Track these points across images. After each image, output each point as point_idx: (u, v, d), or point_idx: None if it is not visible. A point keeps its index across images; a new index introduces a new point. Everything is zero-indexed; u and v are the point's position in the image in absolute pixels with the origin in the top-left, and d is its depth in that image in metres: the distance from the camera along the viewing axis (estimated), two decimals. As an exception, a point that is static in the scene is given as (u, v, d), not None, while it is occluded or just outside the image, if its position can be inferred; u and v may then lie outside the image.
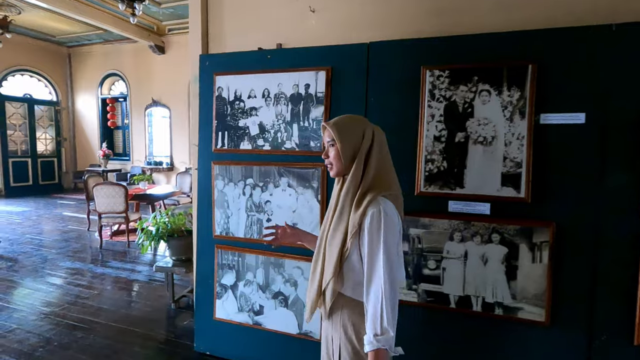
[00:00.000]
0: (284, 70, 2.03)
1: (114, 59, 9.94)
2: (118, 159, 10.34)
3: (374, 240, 0.98)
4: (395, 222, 1.03)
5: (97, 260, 4.31)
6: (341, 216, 1.06)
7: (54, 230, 5.75)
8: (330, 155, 1.10)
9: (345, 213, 1.05)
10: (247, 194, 2.15)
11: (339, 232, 1.05)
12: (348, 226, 1.04)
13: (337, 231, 1.06)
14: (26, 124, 9.65)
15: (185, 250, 3.04)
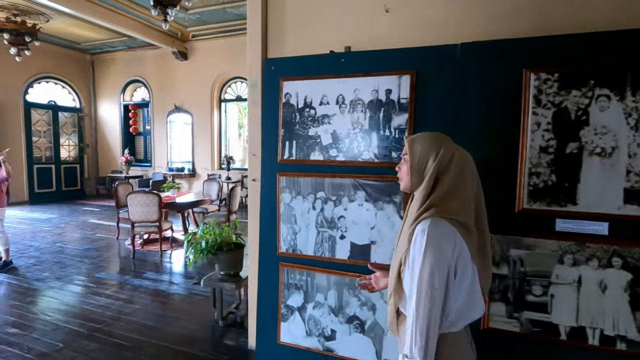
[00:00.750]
0: (362, 75, 1.87)
1: (136, 65, 9.97)
2: (139, 165, 10.34)
3: (414, 260, 0.97)
4: (443, 248, 0.96)
5: (132, 271, 4.20)
6: (404, 232, 1.07)
7: (83, 238, 5.68)
8: (402, 168, 1.11)
9: (406, 230, 1.05)
10: (318, 208, 1.99)
11: (400, 249, 1.06)
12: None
13: (400, 247, 1.07)
14: (50, 131, 9.72)
15: (234, 264, 2.89)
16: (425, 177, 1.02)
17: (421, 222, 0.98)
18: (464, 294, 1.01)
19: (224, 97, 9.41)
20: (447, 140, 1.08)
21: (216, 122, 9.38)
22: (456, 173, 1.03)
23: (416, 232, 0.98)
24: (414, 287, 0.96)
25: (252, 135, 2.43)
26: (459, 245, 0.99)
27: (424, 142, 1.06)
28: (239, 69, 8.81)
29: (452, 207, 1.00)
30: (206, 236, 2.86)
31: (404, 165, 1.09)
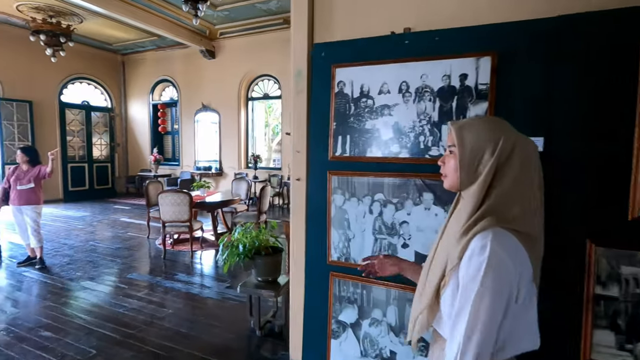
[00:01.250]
0: (431, 58, 1.61)
1: (165, 65, 10.04)
2: (167, 164, 10.42)
3: (469, 282, 0.79)
4: (508, 270, 0.77)
5: (163, 272, 4.09)
6: (447, 241, 0.90)
7: (115, 237, 5.68)
8: (447, 162, 0.91)
9: (452, 238, 0.87)
10: (376, 212, 1.74)
11: (441, 260, 0.89)
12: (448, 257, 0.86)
13: (439, 259, 0.90)
14: (83, 130, 9.94)
15: (272, 270, 2.69)
16: (481, 175, 0.83)
17: (480, 235, 0.80)
18: (519, 319, 0.83)
19: (251, 95, 9.31)
20: (506, 126, 0.87)
21: (243, 121, 9.30)
22: (519, 169, 0.83)
23: (472, 247, 0.80)
24: (465, 312, 0.79)
25: (296, 129, 2.21)
26: (524, 263, 0.81)
27: (478, 130, 0.85)
28: (267, 67, 8.68)
29: (514, 214, 0.82)
30: (243, 239, 2.67)
31: (451, 160, 0.89)
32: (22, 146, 4.19)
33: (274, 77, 8.77)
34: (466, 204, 0.85)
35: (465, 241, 0.81)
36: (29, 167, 4.18)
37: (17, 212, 4.19)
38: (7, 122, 8.27)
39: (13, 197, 4.11)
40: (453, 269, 0.84)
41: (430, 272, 0.94)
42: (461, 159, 0.85)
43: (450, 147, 0.90)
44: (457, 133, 0.87)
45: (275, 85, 8.89)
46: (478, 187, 0.83)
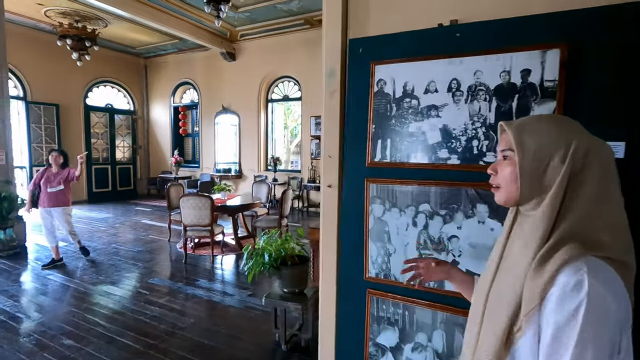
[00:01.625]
0: (487, 52, 1.43)
1: (186, 67, 10.11)
2: (188, 166, 10.48)
3: (562, 331, 0.60)
4: (613, 310, 0.59)
5: (184, 277, 4.01)
6: (512, 272, 0.69)
7: (137, 239, 5.67)
8: (500, 171, 0.74)
9: (520, 269, 0.67)
10: (420, 224, 1.56)
11: (508, 294, 0.68)
12: (522, 293, 0.65)
13: (505, 292, 0.69)
14: (107, 133, 10.11)
15: (299, 281, 2.54)
16: (551, 188, 0.67)
17: (570, 267, 0.61)
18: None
19: (270, 97, 9.24)
20: (577, 127, 0.71)
21: (263, 123, 9.24)
22: (600, 179, 0.66)
23: (562, 284, 0.61)
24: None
25: (328, 133, 2.05)
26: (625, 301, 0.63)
27: (543, 130, 0.69)
28: (287, 68, 8.60)
29: (603, 237, 0.65)
30: (268, 248, 2.54)
31: (506, 167, 0.72)
32: (56, 148, 4.24)
33: (294, 78, 8.68)
34: (533, 224, 0.68)
35: (549, 275, 0.63)
36: (59, 169, 4.23)
37: (46, 214, 4.22)
38: (35, 124, 8.48)
39: (43, 199, 4.16)
40: (533, 311, 0.64)
41: (492, 309, 0.74)
42: (522, 166, 0.69)
43: (504, 152, 0.73)
44: (516, 134, 0.70)
45: (295, 87, 8.79)
46: (549, 203, 0.66)
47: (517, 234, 0.74)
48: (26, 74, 8.30)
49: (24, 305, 3.27)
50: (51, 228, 4.26)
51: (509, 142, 0.71)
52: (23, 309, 3.19)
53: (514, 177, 0.70)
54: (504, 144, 0.74)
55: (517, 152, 0.69)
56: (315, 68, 8.03)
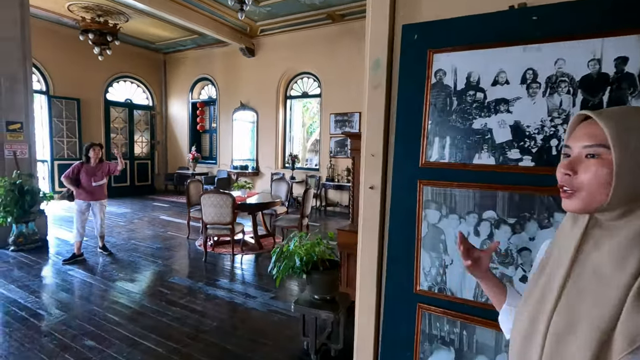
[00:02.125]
0: (571, 38, 1.24)
1: (204, 63, 10.06)
2: (205, 163, 10.45)
3: None
4: None
5: (204, 277, 3.91)
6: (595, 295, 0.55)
7: (156, 236, 5.62)
8: (583, 171, 0.59)
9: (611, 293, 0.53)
10: (484, 233, 1.38)
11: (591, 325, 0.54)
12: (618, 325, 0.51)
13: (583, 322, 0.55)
14: (126, 128, 10.16)
15: (330, 287, 2.39)
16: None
17: None
18: None
19: (289, 93, 9.10)
20: None
21: (281, 120, 9.12)
22: None
23: None
24: None
25: (371, 129, 1.88)
26: None
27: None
28: (306, 64, 8.45)
29: None
30: (299, 251, 2.39)
31: (592, 167, 0.59)
32: (96, 142, 4.37)
33: (313, 74, 8.51)
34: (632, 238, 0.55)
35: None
36: (97, 163, 4.26)
37: (85, 207, 4.29)
38: (57, 119, 8.56)
39: (83, 192, 4.20)
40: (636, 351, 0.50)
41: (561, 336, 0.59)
42: (620, 166, 0.55)
43: (591, 148, 0.59)
44: (613, 127, 0.56)
45: (315, 84, 8.63)
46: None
47: (593, 245, 0.61)
48: (49, 68, 8.37)
49: (46, 301, 3.21)
50: (83, 222, 4.30)
51: (600, 137, 0.58)
52: (45, 305, 3.13)
53: (603, 179, 0.57)
54: (591, 139, 0.60)
55: (614, 150, 0.56)
56: (336, 64, 7.86)
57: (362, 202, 1.94)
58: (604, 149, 0.57)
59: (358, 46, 7.31)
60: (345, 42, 7.74)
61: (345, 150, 8.03)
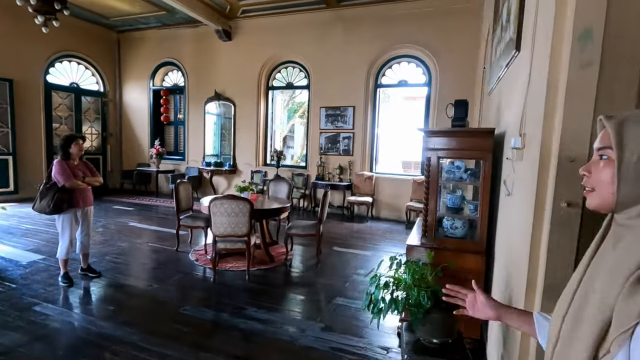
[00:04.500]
0: None
1: (170, 45, 8.85)
2: (169, 159, 9.26)
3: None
4: None
5: (224, 303, 3.16)
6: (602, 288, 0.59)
7: (135, 249, 4.63)
8: (595, 172, 0.65)
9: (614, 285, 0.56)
10: None
11: (593, 314, 0.58)
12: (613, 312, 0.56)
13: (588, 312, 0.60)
14: (72, 117, 8.62)
15: (451, 327, 1.87)
16: None
17: None
18: None
19: (272, 83, 8.32)
20: None
21: (262, 112, 8.31)
22: None
23: None
24: None
25: (573, 121, 1.38)
26: None
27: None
28: (292, 53, 7.75)
29: None
30: (411, 282, 1.83)
31: (603, 168, 0.62)
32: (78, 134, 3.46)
33: (300, 64, 7.83)
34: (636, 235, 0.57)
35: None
36: (80, 160, 3.50)
37: (80, 216, 3.50)
38: (-17, 103, 6.90)
39: (77, 197, 3.40)
40: (626, 333, 0.52)
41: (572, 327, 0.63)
42: (622, 166, 0.59)
43: (602, 150, 0.63)
44: (616, 129, 0.60)
45: (302, 74, 7.96)
46: None
47: (611, 244, 0.63)
48: (-30, 39, 6.68)
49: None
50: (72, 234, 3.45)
51: (608, 139, 0.62)
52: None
53: (610, 179, 0.61)
54: (602, 141, 0.64)
55: (616, 150, 0.60)
56: (326, 54, 7.28)
57: (547, 223, 1.44)
58: (611, 150, 0.61)
59: (345, 35, 6.83)
60: (337, 31, 7.19)
61: (337, 147, 7.50)
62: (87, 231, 3.57)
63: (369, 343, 2.60)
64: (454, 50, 6.41)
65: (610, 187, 0.61)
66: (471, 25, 6.19)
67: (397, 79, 7.25)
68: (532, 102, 1.68)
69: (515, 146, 1.79)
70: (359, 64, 7.10)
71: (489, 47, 3.84)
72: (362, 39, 7.02)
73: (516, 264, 1.81)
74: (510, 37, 2.30)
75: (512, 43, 2.19)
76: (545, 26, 1.53)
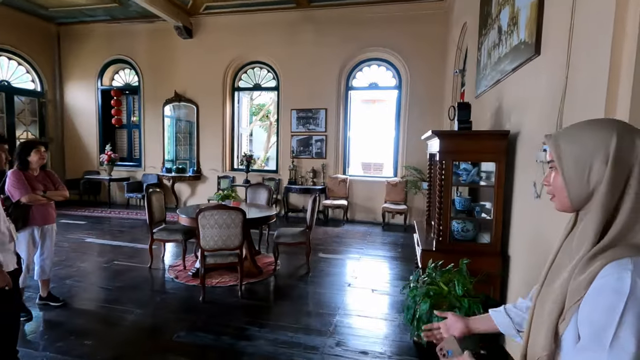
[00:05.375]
0: None
1: (120, 41, 8.10)
2: (123, 165, 8.46)
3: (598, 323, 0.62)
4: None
5: (223, 325, 2.85)
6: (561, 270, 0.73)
7: (99, 270, 4.09)
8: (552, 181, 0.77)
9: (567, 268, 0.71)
10: None
11: (555, 293, 0.71)
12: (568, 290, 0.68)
13: (552, 291, 0.73)
14: (4, 120, 7.53)
15: (496, 338, 1.82)
16: (597, 192, 0.68)
17: (614, 263, 0.63)
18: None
19: (237, 84, 7.94)
20: (618, 126, 0.69)
21: (228, 114, 7.90)
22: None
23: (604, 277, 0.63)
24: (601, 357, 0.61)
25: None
26: None
27: (579, 136, 0.71)
28: (259, 53, 7.48)
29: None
30: (458, 290, 1.75)
31: (555, 178, 0.75)
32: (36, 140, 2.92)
33: (268, 65, 7.58)
34: (586, 227, 0.69)
35: (594, 269, 0.64)
36: (41, 171, 3.03)
37: (36, 235, 2.97)
38: None
39: (36, 215, 2.90)
40: (577, 303, 0.66)
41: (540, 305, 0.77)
42: (565, 176, 0.71)
43: (550, 164, 0.76)
44: (553, 145, 0.73)
45: (269, 75, 7.70)
46: (597, 207, 0.67)
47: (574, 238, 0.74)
48: None
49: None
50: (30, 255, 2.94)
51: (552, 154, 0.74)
52: None
53: (561, 186, 0.73)
54: (550, 155, 0.76)
55: (557, 164, 0.72)
56: (296, 55, 7.12)
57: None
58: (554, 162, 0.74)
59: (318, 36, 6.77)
60: (307, 32, 7.06)
61: (309, 150, 7.36)
62: (47, 254, 3.06)
63: (394, 353, 2.49)
64: (423, 55, 6.58)
65: (564, 192, 0.72)
66: (439, 30, 6.41)
67: (367, 82, 7.29)
68: (574, 102, 1.68)
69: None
70: (330, 66, 7.03)
71: (474, 53, 3.94)
72: (333, 40, 6.96)
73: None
74: (523, 41, 2.34)
75: (529, 46, 2.22)
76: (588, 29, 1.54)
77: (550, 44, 1.99)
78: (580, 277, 0.66)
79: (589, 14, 1.60)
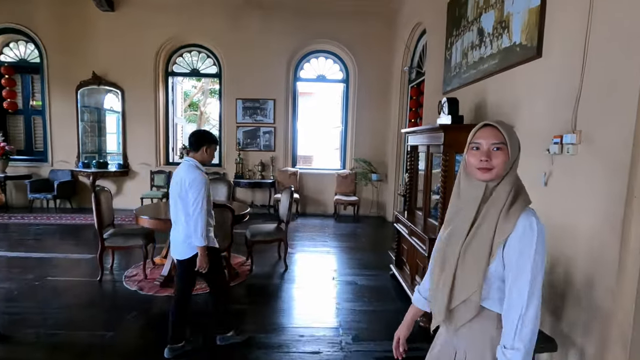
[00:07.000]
0: None
1: (13, 6, 6.58)
2: (21, 160, 6.96)
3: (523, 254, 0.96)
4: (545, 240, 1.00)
5: (222, 337, 2.56)
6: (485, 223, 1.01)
7: (32, 289, 3.28)
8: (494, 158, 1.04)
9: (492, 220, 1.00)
10: None
11: (484, 239, 1.01)
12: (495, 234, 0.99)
13: (481, 239, 1.01)
14: None
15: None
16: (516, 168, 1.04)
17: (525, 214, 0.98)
18: None
19: (172, 69, 7.14)
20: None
21: (162, 102, 7.07)
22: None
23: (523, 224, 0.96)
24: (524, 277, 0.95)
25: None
26: None
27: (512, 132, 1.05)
28: (198, 35, 6.89)
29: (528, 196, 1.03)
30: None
31: (500, 155, 1.02)
32: None
33: (208, 49, 6.98)
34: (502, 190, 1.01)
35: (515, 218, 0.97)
36: None
37: None
38: None
39: None
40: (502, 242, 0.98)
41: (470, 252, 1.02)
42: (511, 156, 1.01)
43: (496, 144, 1.01)
44: (508, 135, 1.01)
45: (209, 60, 7.11)
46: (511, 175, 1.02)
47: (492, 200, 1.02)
48: None
49: None
50: None
51: (502, 138, 1.01)
52: None
53: (504, 163, 1.00)
54: (496, 138, 1.01)
55: (509, 147, 1.00)
56: (241, 41, 6.74)
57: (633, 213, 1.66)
58: (504, 145, 1.00)
59: (276, 24, 6.51)
60: (254, 18, 6.70)
61: (257, 142, 7.04)
62: None
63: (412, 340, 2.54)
64: (371, 50, 6.81)
65: (503, 167, 1.00)
66: (386, 27, 6.68)
67: (315, 74, 7.25)
68: (592, 101, 1.91)
69: (571, 142, 2.01)
70: (279, 56, 6.80)
71: (439, 52, 4.20)
72: (282, 29, 6.73)
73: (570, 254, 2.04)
74: (518, 43, 2.57)
75: (527, 49, 2.45)
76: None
77: (555, 47, 2.22)
78: (505, 225, 0.97)
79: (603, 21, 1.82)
